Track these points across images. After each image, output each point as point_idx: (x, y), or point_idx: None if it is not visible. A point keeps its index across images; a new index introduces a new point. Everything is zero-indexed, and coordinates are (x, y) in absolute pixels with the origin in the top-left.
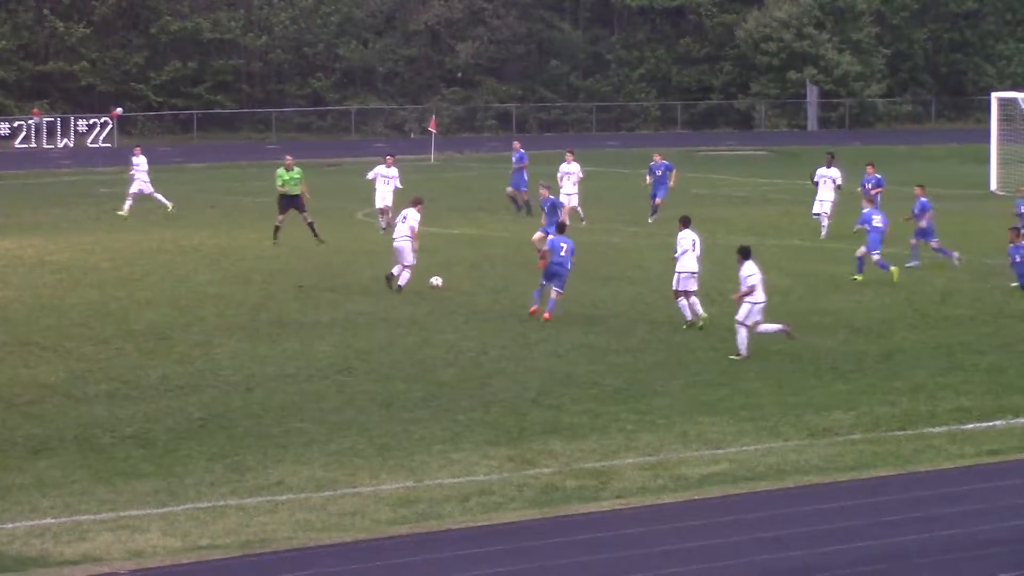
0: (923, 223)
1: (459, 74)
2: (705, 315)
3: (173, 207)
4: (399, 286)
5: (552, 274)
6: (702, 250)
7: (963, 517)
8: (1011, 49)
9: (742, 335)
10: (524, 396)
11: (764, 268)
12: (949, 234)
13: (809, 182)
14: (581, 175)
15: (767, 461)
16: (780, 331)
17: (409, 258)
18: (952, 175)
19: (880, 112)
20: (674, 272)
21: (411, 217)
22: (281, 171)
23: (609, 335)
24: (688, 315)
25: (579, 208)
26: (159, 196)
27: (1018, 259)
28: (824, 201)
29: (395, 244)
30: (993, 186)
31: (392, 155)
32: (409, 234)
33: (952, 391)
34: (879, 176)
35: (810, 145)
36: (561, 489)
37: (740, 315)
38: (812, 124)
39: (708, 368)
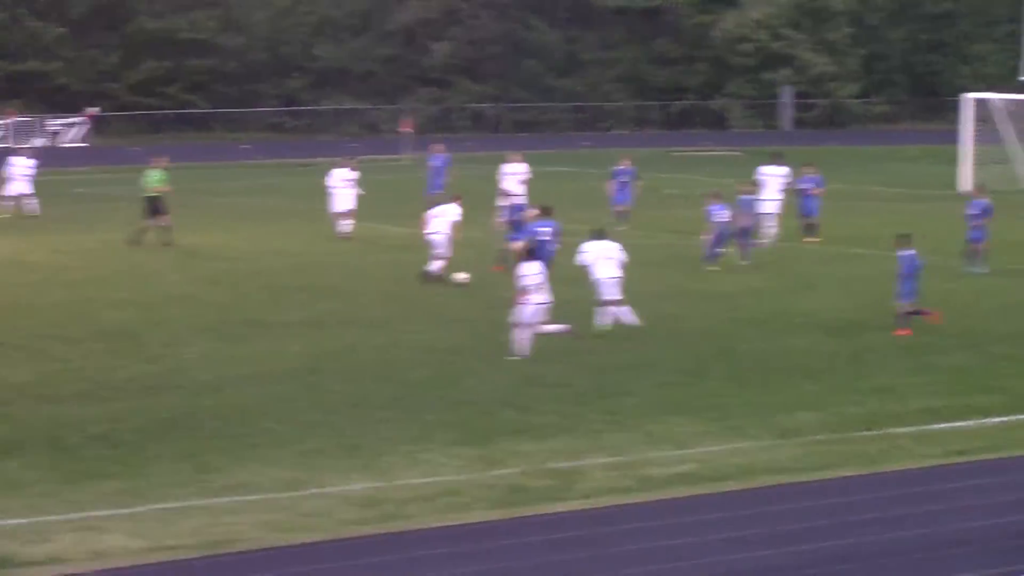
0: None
1: (434, 74)
2: (638, 323)
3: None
4: (435, 274)
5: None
6: (625, 257)
7: (929, 517)
8: (986, 50)
9: (521, 336)
10: (493, 397)
11: (736, 268)
12: (924, 235)
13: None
14: (528, 175)
15: (733, 461)
16: (562, 331)
17: (445, 250)
18: (924, 176)
19: (855, 113)
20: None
21: (451, 212)
22: (150, 172)
23: (575, 335)
24: (605, 321)
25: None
26: (33, 202)
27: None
28: (770, 201)
29: (431, 238)
30: (961, 187)
31: (355, 158)
32: (448, 229)
33: (919, 391)
34: (819, 177)
35: (785, 146)
36: (528, 489)
37: (519, 316)
38: (787, 125)
39: (676, 369)
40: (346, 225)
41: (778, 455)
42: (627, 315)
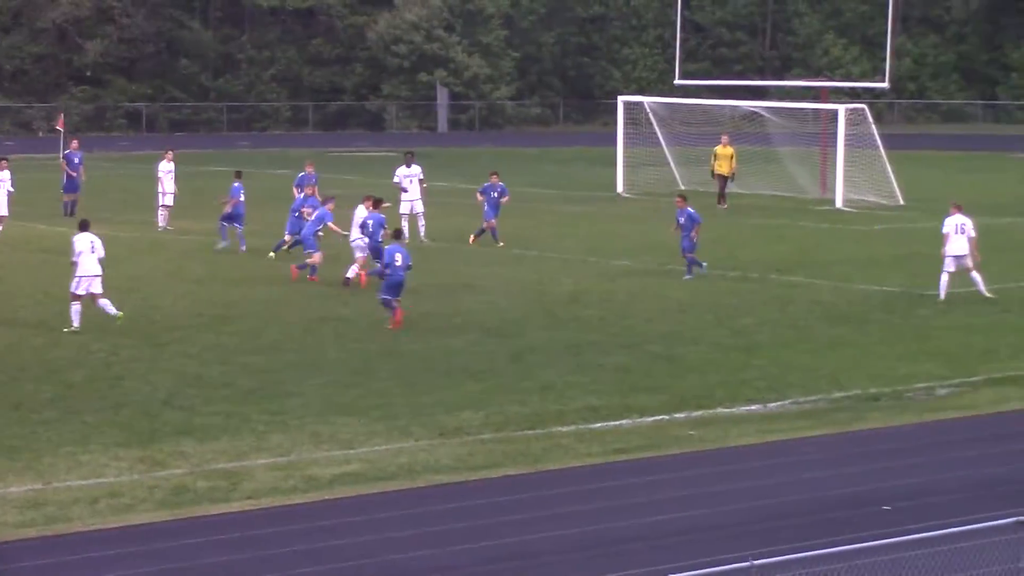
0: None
1: (88, 72)
2: (120, 313)
3: None
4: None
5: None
6: (104, 251)
7: (593, 515)
8: (636, 54)
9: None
10: (155, 397)
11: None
12: (582, 236)
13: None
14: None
15: (398, 461)
16: (111, 311)
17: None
18: (581, 178)
19: (509, 114)
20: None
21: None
22: None
23: (241, 336)
24: (76, 322)
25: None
26: None
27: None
28: (414, 200)
29: (354, 243)
30: (620, 188)
31: (6, 157)
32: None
33: (580, 390)
34: (503, 184)
35: (441, 146)
36: (192, 490)
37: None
38: (443, 126)
39: (340, 369)
40: None
41: (442, 454)
42: (108, 307)
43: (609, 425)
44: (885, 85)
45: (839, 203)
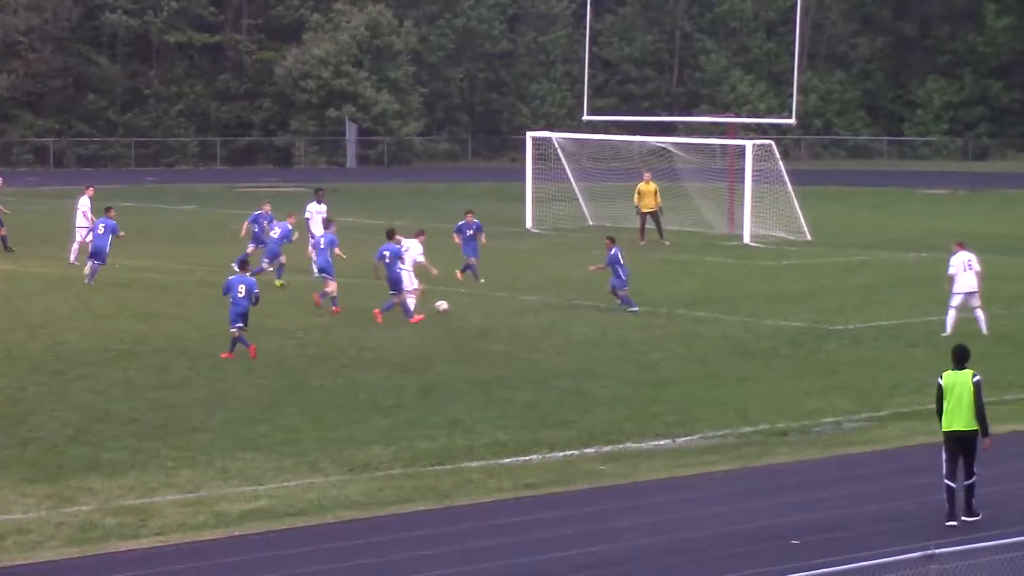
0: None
1: None
2: None
3: None
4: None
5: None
6: None
7: (502, 550)
8: (545, 89)
9: None
10: (62, 433)
11: (304, 303)
12: (491, 271)
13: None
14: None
15: (307, 497)
16: None
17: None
18: (490, 213)
19: (418, 150)
20: None
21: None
22: None
23: (148, 371)
24: None
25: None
26: None
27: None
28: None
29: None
30: (529, 224)
31: None
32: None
33: (489, 426)
34: (478, 222)
35: (349, 182)
36: (100, 527)
37: None
38: (351, 161)
39: (249, 404)
40: None
41: (351, 490)
42: None
43: (518, 460)
44: (792, 121)
45: (747, 238)
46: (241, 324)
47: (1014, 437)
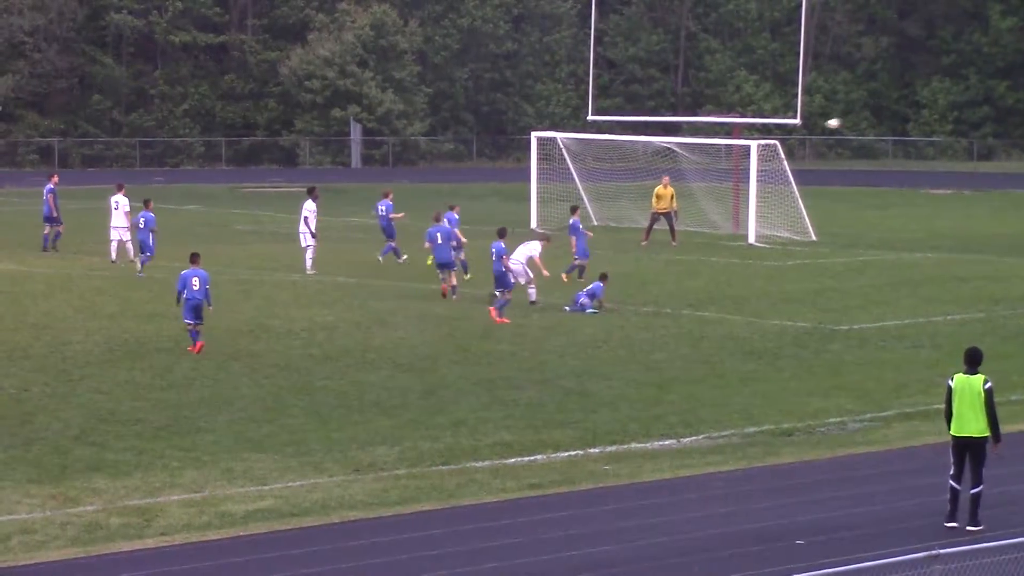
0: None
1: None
2: None
3: None
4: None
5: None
6: None
7: (506, 550)
8: (550, 90)
9: None
10: (67, 433)
11: (308, 304)
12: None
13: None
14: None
15: (312, 497)
16: None
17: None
18: (495, 213)
19: (423, 150)
20: None
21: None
22: None
23: (153, 371)
24: None
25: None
26: None
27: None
28: (305, 234)
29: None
30: (534, 223)
31: None
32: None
33: (494, 426)
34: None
35: (354, 182)
36: (105, 527)
37: None
38: (356, 162)
39: (253, 404)
40: None
41: (356, 490)
42: None
43: (523, 460)
44: (796, 121)
45: (752, 239)
46: (192, 320)
47: (1020, 437)
